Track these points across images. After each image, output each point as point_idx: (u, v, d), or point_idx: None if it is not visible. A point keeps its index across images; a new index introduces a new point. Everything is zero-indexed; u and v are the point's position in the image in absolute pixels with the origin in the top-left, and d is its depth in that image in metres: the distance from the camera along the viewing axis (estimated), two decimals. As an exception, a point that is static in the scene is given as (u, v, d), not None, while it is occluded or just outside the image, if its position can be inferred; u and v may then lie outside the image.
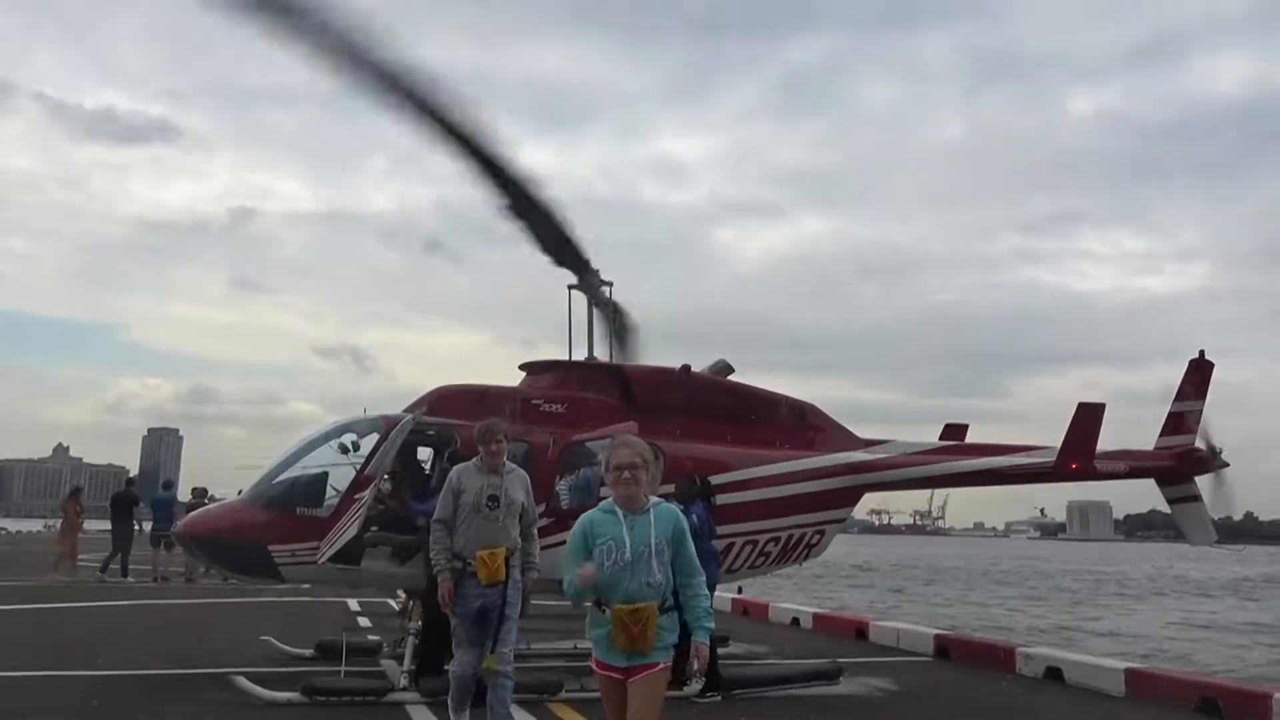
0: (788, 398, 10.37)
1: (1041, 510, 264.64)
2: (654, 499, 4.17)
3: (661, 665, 3.94)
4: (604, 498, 8.18)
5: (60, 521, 20.42)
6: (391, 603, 14.01)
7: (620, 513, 4.05)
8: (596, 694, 8.16)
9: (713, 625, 4.06)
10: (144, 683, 8.02)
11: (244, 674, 7.48)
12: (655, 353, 10.48)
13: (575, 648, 9.72)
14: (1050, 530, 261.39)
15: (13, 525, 65.43)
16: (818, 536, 9.91)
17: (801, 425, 10.24)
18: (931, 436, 10.95)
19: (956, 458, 10.49)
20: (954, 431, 11.00)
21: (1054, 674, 9.04)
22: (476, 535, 5.83)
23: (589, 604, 4.02)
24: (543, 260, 9.48)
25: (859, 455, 10.31)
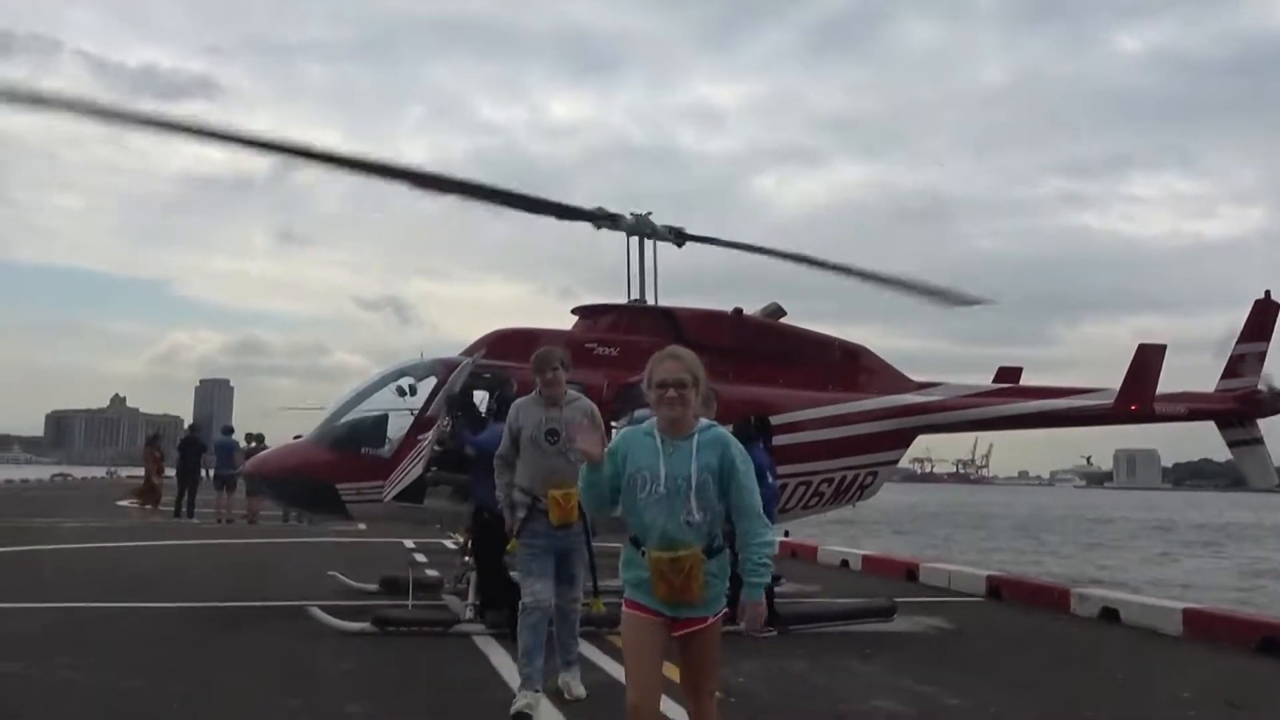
0: (840, 340, 10.37)
1: (1088, 459, 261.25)
2: (704, 422, 3.49)
3: (712, 619, 3.40)
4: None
5: (143, 468, 21.18)
6: (447, 542, 14.42)
7: (659, 438, 3.41)
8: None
9: (767, 578, 3.41)
10: (219, 614, 8.38)
11: (317, 606, 7.78)
12: (696, 302, 10.53)
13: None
14: (1097, 479, 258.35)
15: (77, 472, 67.77)
16: (870, 478, 9.97)
17: (854, 367, 10.24)
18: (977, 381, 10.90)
19: (1011, 400, 10.43)
20: (1008, 375, 10.92)
21: (1110, 615, 9.05)
22: (540, 471, 5.41)
23: (625, 541, 3.48)
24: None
25: (912, 398, 10.30)
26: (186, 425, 25.25)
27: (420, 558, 12.53)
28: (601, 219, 9.69)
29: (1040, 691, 6.27)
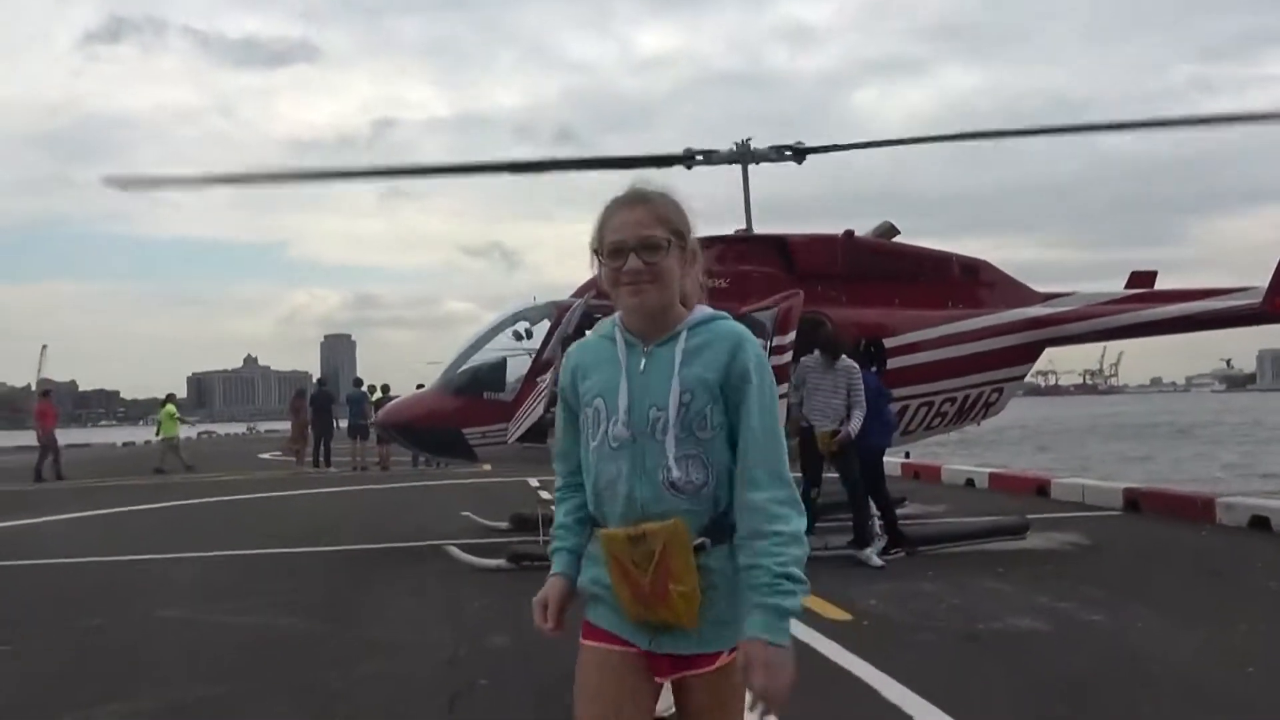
0: (958, 256, 10.04)
1: (1227, 361, 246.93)
2: (704, 311, 1.96)
3: (724, 657, 1.91)
4: (774, 369, 8.42)
5: (290, 423, 22.44)
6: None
7: (622, 341, 1.97)
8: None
9: (792, 601, 1.82)
10: (367, 556, 8.88)
11: (454, 545, 8.14)
12: (788, 225, 10.30)
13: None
14: (1238, 382, 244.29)
15: (219, 429, 72.16)
16: (995, 395, 9.70)
17: (974, 283, 9.90)
18: (1108, 288, 10.39)
19: (1147, 306, 9.91)
20: (1141, 279, 10.38)
21: (1259, 523, 8.64)
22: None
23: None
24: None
25: (1037, 310, 9.92)
26: (315, 380, 26.46)
27: (545, 495, 12.91)
28: (694, 158, 9.52)
29: (1186, 606, 6.06)
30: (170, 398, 22.84)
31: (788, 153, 9.66)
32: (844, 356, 7.84)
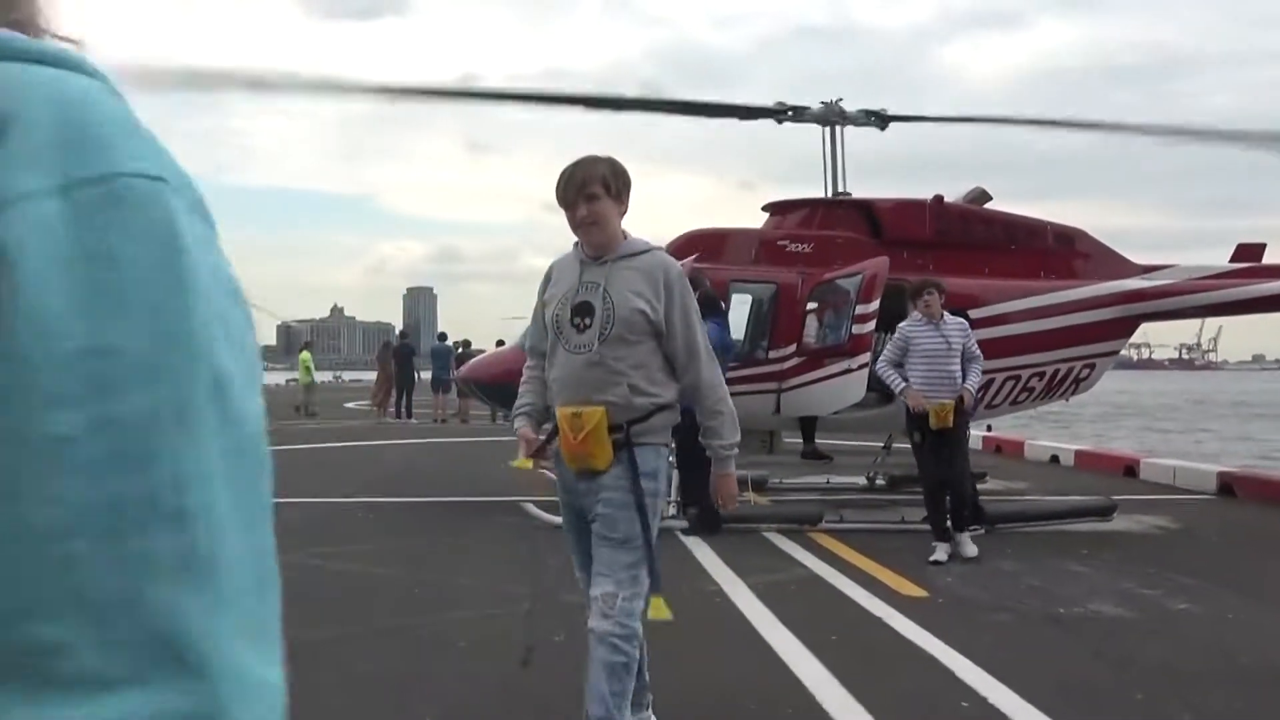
0: (1053, 224, 9.68)
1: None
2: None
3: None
4: (856, 337, 8.25)
5: (376, 373, 23.17)
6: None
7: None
8: (856, 525, 8.26)
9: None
10: (448, 508, 9.11)
11: (530, 502, 8.29)
12: (881, 187, 10.06)
13: (829, 482, 9.95)
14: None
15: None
16: (1087, 370, 9.38)
17: (1069, 252, 9.55)
18: (1211, 261, 9.92)
19: (1255, 280, 9.42)
20: (1248, 252, 9.85)
21: (1367, 514, 8.23)
22: (559, 378, 3.01)
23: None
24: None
25: (1135, 283, 9.52)
26: (398, 333, 27.11)
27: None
28: (785, 113, 9.36)
29: (1284, 597, 5.82)
30: (307, 345, 23.96)
31: (873, 118, 9.43)
32: (945, 314, 6.89)
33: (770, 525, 7.70)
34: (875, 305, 7.83)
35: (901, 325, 6.97)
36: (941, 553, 6.61)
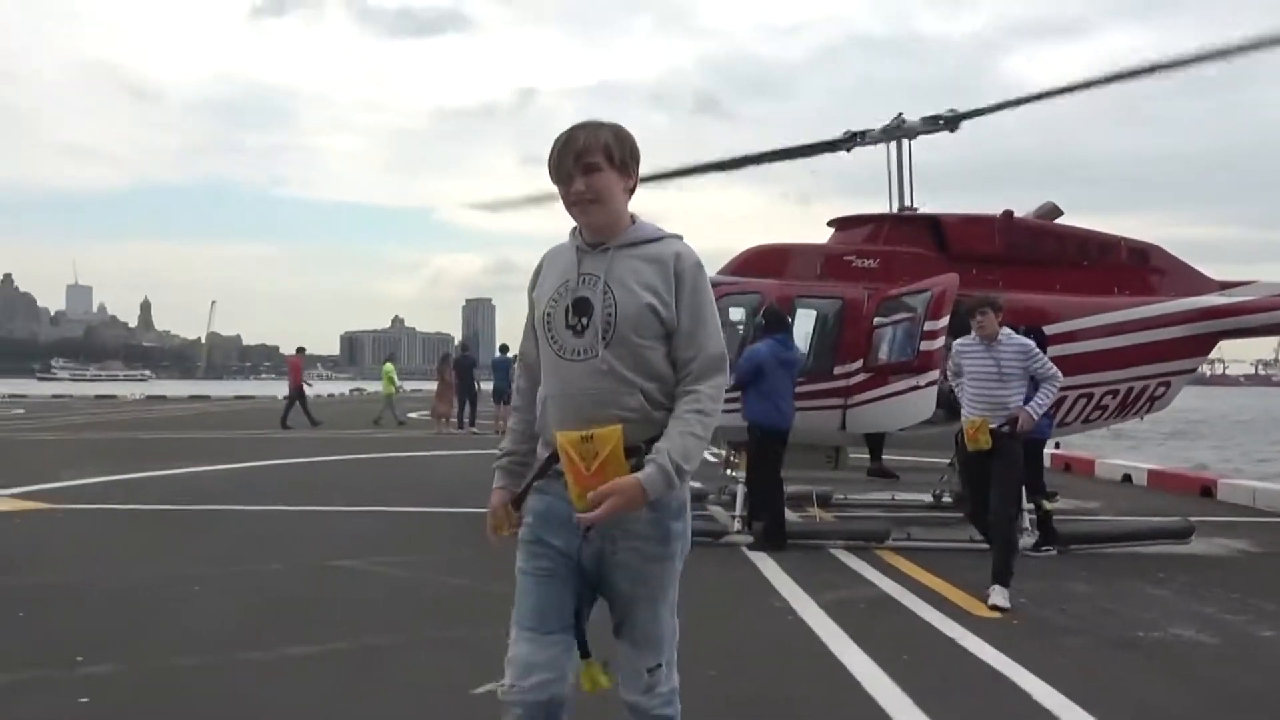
0: (1126, 239, 9.51)
1: None
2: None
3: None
4: (925, 354, 8.17)
5: (437, 384, 23.69)
6: (707, 455, 14.91)
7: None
8: (924, 543, 8.16)
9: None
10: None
11: None
12: (944, 202, 9.95)
13: (894, 499, 9.87)
14: None
15: (369, 386, 75.91)
16: (1162, 389, 9.18)
17: (1143, 269, 9.37)
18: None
19: (1342, 298, 9.15)
20: (1334, 268, 9.56)
21: None
22: (556, 393, 2.38)
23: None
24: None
25: (1212, 299, 9.31)
26: (459, 344, 27.66)
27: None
28: (851, 140, 9.38)
29: (1376, 627, 5.63)
30: (391, 357, 24.74)
31: (940, 121, 9.36)
32: (1009, 332, 6.20)
33: (837, 542, 7.68)
34: (944, 322, 7.77)
35: (955, 343, 6.50)
36: (999, 596, 5.82)
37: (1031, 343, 6.17)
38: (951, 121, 9.33)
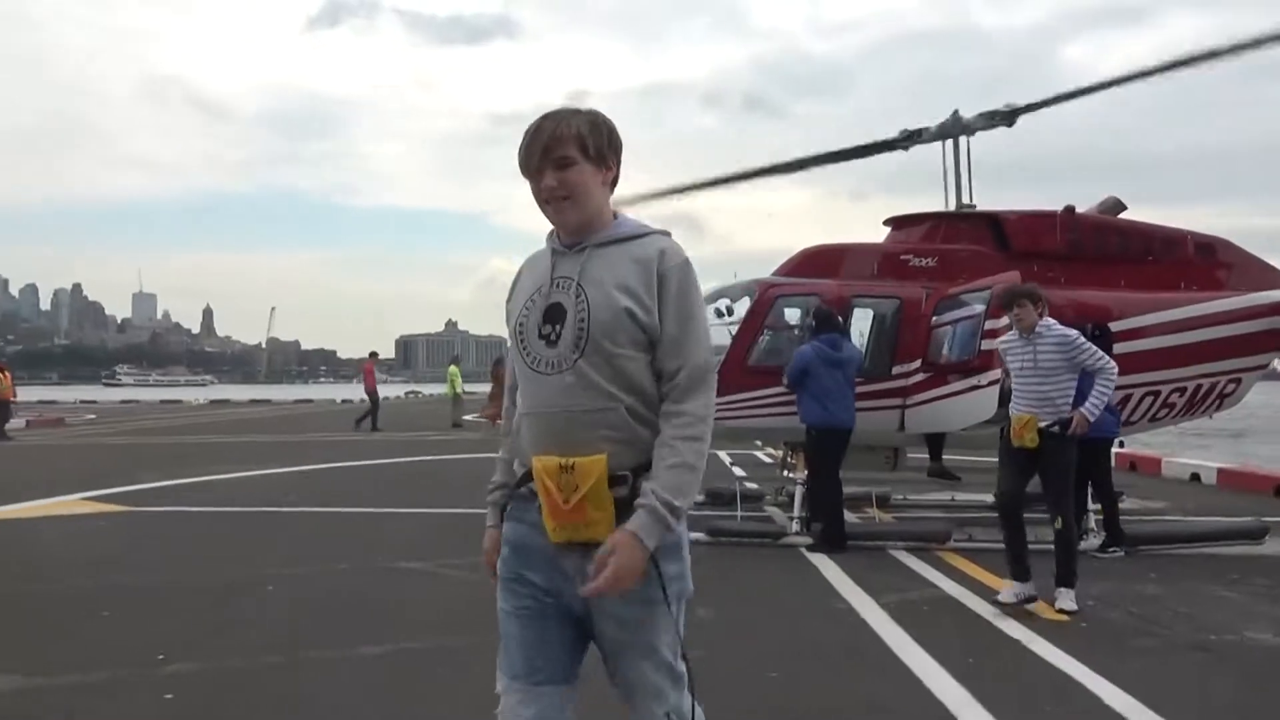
0: (1193, 233, 9.30)
1: None
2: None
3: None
4: (986, 353, 8.07)
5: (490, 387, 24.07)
6: (760, 455, 14.89)
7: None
8: (986, 544, 8.05)
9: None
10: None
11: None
12: (1002, 196, 9.81)
13: (953, 499, 9.75)
14: None
15: (424, 389, 77.01)
16: (1232, 385, 8.96)
17: (1211, 263, 9.16)
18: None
19: None
20: None
21: None
22: (530, 412, 2.12)
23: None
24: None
25: (1285, 293, 9.05)
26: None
27: (739, 471, 13.06)
28: (908, 140, 9.31)
29: None
30: (455, 359, 25.11)
31: (997, 117, 9.24)
32: (1051, 322, 5.88)
33: (897, 543, 7.63)
34: (1005, 320, 7.66)
35: (999, 340, 6.30)
36: (1008, 593, 5.71)
37: (1075, 333, 5.82)
38: (1009, 116, 9.21)
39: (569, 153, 2.05)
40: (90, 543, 8.05)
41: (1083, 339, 5.82)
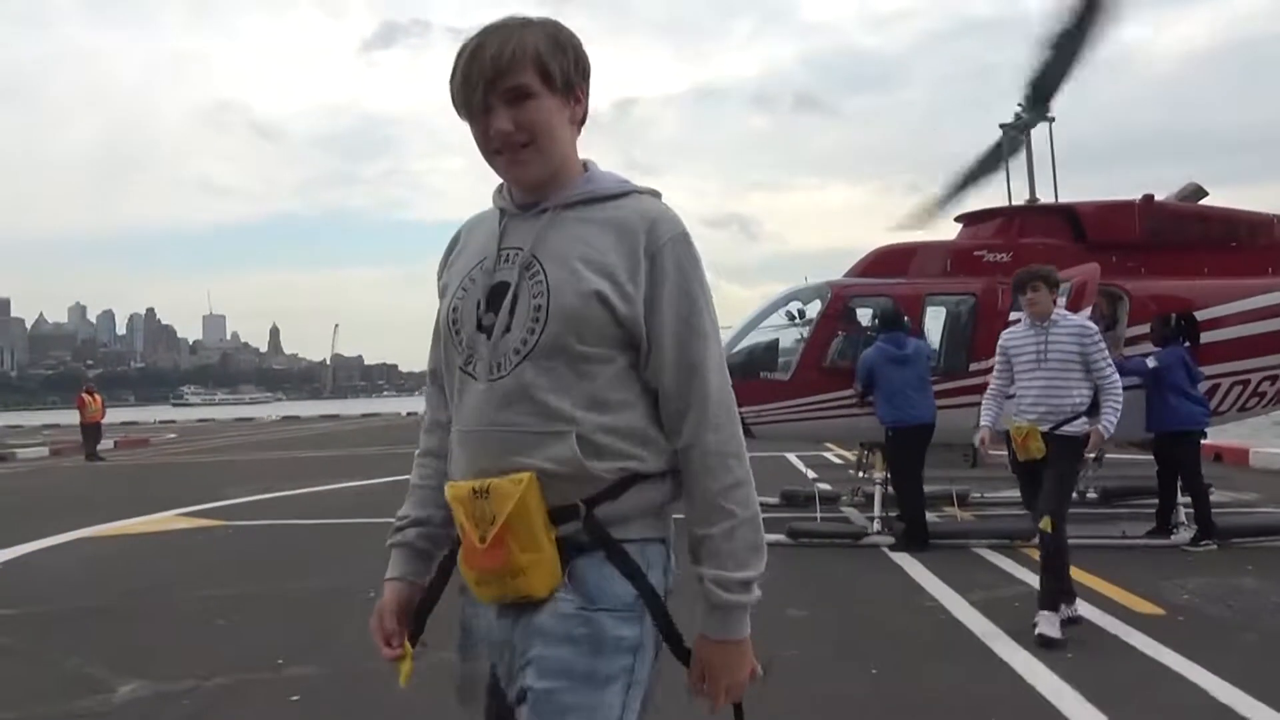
0: (1279, 216, 9.07)
1: None
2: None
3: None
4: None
5: None
6: (829, 455, 14.85)
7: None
8: (1073, 540, 7.95)
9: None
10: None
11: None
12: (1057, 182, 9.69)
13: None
14: None
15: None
16: (1326, 372, 8.70)
17: (1300, 246, 8.92)
18: None
19: None
20: None
21: None
22: (461, 428, 1.53)
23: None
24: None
25: (1380, 274, 8.78)
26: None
27: (810, 473, 13.05)
28: (1009, 134, 9.35)
29: None
30: None
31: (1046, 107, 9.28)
32: (1065, 313, 5.28)
33: (980, 541, 7.59)
34: (1086, 313, 7.58)
35: (1002, 334, 5.43)
36: (1046, 625, 4.82)
37: (1094, 326, 5.15)
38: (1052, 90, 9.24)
39: (525, 81, 1.46)
40: (192, 556, 8.40)
41: (1101, 337, 5.12)
